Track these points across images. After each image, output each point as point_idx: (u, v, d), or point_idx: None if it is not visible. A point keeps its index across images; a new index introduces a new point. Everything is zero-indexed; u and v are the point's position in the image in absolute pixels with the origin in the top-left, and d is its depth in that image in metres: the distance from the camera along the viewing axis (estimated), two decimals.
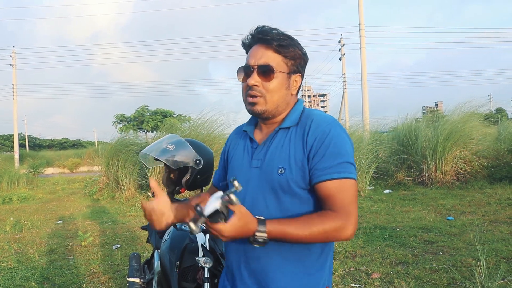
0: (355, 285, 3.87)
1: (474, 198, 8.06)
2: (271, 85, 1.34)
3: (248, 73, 1.37)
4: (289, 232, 1.19)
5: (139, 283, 2.82)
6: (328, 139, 1.28)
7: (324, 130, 1.30)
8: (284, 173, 1.29)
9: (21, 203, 11.85)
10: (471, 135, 10.24)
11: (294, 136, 1.35)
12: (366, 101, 21.40)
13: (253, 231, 1.16)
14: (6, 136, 52.59)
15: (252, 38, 1.39)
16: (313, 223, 1.21)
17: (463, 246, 4.80)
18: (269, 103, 1.35)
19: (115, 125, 32.54)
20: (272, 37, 1.35)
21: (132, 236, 6.41)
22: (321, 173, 1.26)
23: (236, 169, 1.45)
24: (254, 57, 1.36)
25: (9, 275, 4.70)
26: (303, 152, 1.30)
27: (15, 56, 32.58)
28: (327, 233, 1.21)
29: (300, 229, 1.20)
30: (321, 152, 1.28)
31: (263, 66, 1.34)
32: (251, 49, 1.40)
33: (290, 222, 1.21)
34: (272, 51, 1.35)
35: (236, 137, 1.57)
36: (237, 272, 1.39)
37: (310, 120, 1.35)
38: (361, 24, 21.80)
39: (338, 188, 1.25)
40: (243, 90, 1.40)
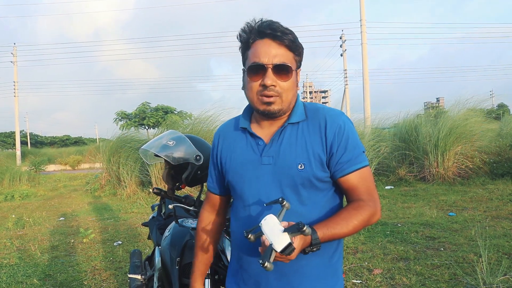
0: (356, 281, 3.86)
1: (476, 194, 8.04)
2: (287, 85, 1.32)
3: (261, 72, 1.30)
4: (337, 232, 1.23)
5: (140, 279, 2.82)
6: (346, 133, 1.32)
7: (340, 125, 1.33)
8: (304, 168, 1.30)
9: (23, 200, 11.88)
10: (472, 130, 10.21)
11: (307, 131, 1.35)
12: (368, 97, 21.38)
13: (309, 242, 1.17)
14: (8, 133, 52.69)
15: (258, 33, 1.31)
16: (353, 217, 1.26)
17: (464, 242, 4.79)
18: (284, 102, 1.33)
19: (116, 122, 32.57)
20: (282, 33, 1.29)
21: (134, 233, 6.41)
22: (345, 166, 1.31)
23: (241, 167, 1.40)
24: (267, 55, 1.28)
25: (11, 272, 4.71)
26: (322, 147, 1.32)
27: (16, 53, 32.59)
28: (365, 222, 1.28)
29: (344, 226, 1.24)
30: (342, 146, 1.31)
31: (281, 65, 1.29)
32: (257, 44, 1.32)
33: (336, 222, 1.24)
34: (285, 48, 1.31)
35: (229, 135, 1.49)
36: (262, 276, 1.37)
37: (323, 115, 1.36)
38: (362, 20, 21.75)
39: (361, 177, 1.32)
40: (252, 89, 1.33)
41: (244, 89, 1.39)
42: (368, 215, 1.28)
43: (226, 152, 1.47)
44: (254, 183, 1.36)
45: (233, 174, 1.42)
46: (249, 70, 1.32)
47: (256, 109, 1.36)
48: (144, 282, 2.82)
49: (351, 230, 1.25)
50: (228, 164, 1.45)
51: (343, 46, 29.85)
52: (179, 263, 2.09)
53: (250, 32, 1.33)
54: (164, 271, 2.28)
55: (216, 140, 1.54)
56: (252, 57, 1.32)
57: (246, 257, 1.40)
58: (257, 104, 1.33)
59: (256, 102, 1.33)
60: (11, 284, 4.31)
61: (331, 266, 1.38)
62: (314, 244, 1.18)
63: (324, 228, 1.21)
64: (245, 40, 1.35)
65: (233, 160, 1.43)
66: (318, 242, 1.18)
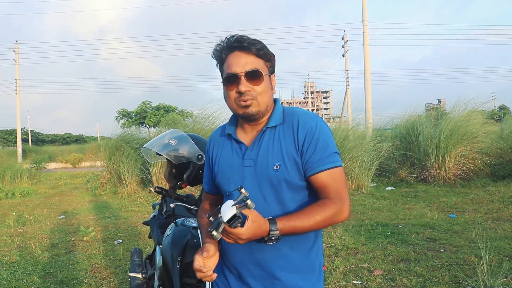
0: (357, 282, 3.86)
1: (476, 196, 8.04)
2: (260, 88, 1.43)
3: (235, 82, 1.42)
4: (298, 225, 1.32)
5: (141, 278, 2.82)
6: (316, 134, 1.41)
7: (311, 126, 1.42)
8: (279, 169, 1.40)
9: (23, 197, 11.90)
10: (474, 132, 10.20)
11: (283, 133, 1.45)
12: (369, 97, 21.36)
13: (267, 231, 1.28)
14: (9, 131, 52.71)
15: (228, 48, 1.45)
16: (316, 213, 1.34)
17: (465, 244, 4.79)
18: (261, 104, 1.44)
19: (117, 121, 32.57)
20: (249, 43, 1.43)
21: (134, 232, 6.42)
22: (315, 165, 1.40)
23: (227, 170, 1.51)
24: (237, 65, 1.41)
25: (11, 269, 4.72)
26: (295, 148, 1.42)
27: (18, 51, 32.63)
28: (328, 219, 1.35)
29: (306, 221, 1.33)
30: (312, 146, 1.40)
31: (252, 71, 1.41)
32: (228, 58, 1.45)
33: (297, 216, 1.34)
34: (254, 56, 1.44)
35: (218, 141, 1.62)
36: (241, 265, 1.48)
37: (296, 117, 1.46)
38: (364, 20, 21.74)
39: (331, 177, 1.40)
40: (230, 97, 1.45)
41: (225, 99, 1.51)
42: (332, 212, 1.36)
43: (215, 156, 1.60)
44: (237, 183, 1.46)
45: (221, 176, 1.54)
46: (225, 81, 1.46)
47: (237, 114, 1.49)
48: (145, 281, 2.82)
49: (313, 225, 1.34)
50: (217, 167, 1.57)
51: (345, 47, 29.82)
52: (180, 262, 2.08)
53: (221, 49, 1.47)
54: (165, 270, 2.28)
55: (208, 145, 1.67)
56: (226, 69, 1.45)
57: (229, 250, 1.51)
58: (237, 109, 1.46)
59: (235, 108, 1.46)
60: (12, 281, 4.31)
61: (309, 259, 1.47)
62: (272, 234, 1.28)
63: (284, 220, 1.31)
64: (218, 57, 1.49)
65: (221, 163, 1.56)
66: (276, 233, 1.28)
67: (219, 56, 1.49)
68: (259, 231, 1.26)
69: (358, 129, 11.63)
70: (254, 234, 1.25)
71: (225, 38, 1.46)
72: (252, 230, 1.24)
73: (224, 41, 1.46)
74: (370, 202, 8.04)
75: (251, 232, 1.24)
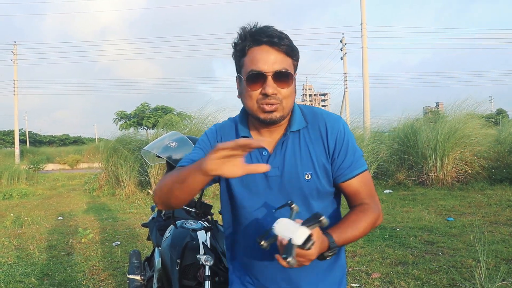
0: (355, 285, 3.87)
1: (474, 199, 8.06)
2: (287, 91, 1.27)
3: (260, 81, 1.24)
4: (349, 235, 1.24)
5: (140, 280, 2.82)
6: (346, 138, 1.34)
7: (340, 130, 1.34)
8: (311, 178, 1.31)
9: (21, 199, 11.88)
10: (471, 135, 10.23)
11: (309, 139, 1.34)
12: (367, 100, 21.40)
13: (327, 246, 1.17)
14: (7, 132, 52.58)
15: (255, 40, 1.25)
16: (362, 219, 1.28)
17: (463, 247, 4.80)
18: (285, 108, 1.28)
19: (115, 122, 32.59)
20: (279, 38, 1.24)
21: (132, 233, 6.41)
22: (347, 171, 1.32)
23: (246, 178, 1.31)
24: (265, 62, 1.23)
25: (9, 271, 4.71)
26: (326, 155, 1.33)
27: (16, 51, 32.59)
28: (371, 224, 1.30)
29: (355, 230, 1.26)
30: (343, 152, 1.32)
31: (282, 73, 1.24)
32: (253, 51, 1.26)
33: (346, 225, 1.26)
34: (284, 54, 1.26)
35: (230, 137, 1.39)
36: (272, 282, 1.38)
37: (323, 120, 1.35)
38: (363, 23, 21.79)
39: (362, 181, 1.33)
40: (252, 97, 1.26)
41: (242, 97, 1.33)
42: (374, 217, 1.31)
43: None
44: (262, 194, 1.33)
45: (239, 186, 1.36)
46: (248, 79, 1.25)
47: (256, 117, 1.30)
48: (143, 283, 2.82)
49: (362, 232, 1.27)
50: None
51: (344, 50, 29.90)
52: (179, 264, 2.09)
53: (245, 39, 1.27)
54: (164, 272, 2.28)
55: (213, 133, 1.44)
56: (250, 64, 1.25)
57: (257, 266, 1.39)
58: (258, 113, 1.27)
59: (256, 110, 1.27)
60: (9, 283, 4.30)
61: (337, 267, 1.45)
62: (331, 248, 1.17)
63: (337, 231, 1.22)
64: (240, 47, 1.29)
65: None
66: (335, 245, 1.18)
67: (241, 46, 1.28)
68: (321, 248, 1.13)
69: (356, 132, 11.65)
70: (318, 252, 1.11)
71: (252, 26, 1.27)
72: (319, 248, 1.10)
73: (250, 29, 1.27)
74: None
75: (318, 250, 1.09)
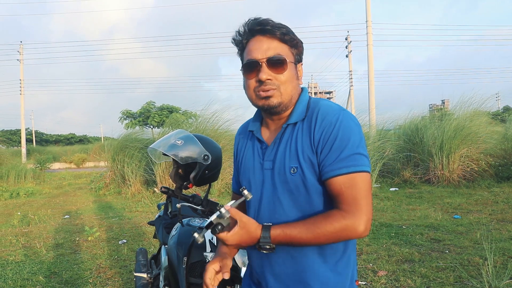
0: (361, 282, 3.86)
1: (481, 196, 8.02)
2: (284, 77, 1.27)
3: (255, 69, 1.27)
4: (294, 236, 1.17)
5: (146, 278, 2.83)
6: (335, 131, 1.21)
7: (331, 121, 1.23)
8: (296, 172, 1.24)
9: (28, 197, 11.95)
10: (478, 133, 10.18)
11: (301, 131, 1.28)
12: (373, 98, 21.34)
13: (257, 238, 1.18)
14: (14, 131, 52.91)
15: (249, 32, 1.30)
16: (318, 225, 1.17)
17: (470, 245, 4.78)
18: (284, 94, 1.27)
19: (121, 121, 32.65)
20: (273, 26, 1.26)
21: (138, 232, 6.43)
22: (328, 169, 1.20)
23: (248, 172, 1.39)
24: (259, 50, 1.26)
25: (17, 269, 4.74)
26: (311, 148, 1.24)
27: (22, 51, 32.76)
28: (334, 234, 1.16)
29: (304, 233, 1.17)
30: (327, 146, 1.21)
31: (275, 58, 1.25)
32: (249, 43, 1.30)
33: (295, 226, 1.18)
34: (278, 40, 1.27)
35: (242, 138, 1.50)
36: (262, 277, 1.36)
37: (316, 111, 1.27)
38: (368, 21, 21.72)
39: (347, 184, 1.18)
40: (250, 87, 1.30)
41: (244, 89, 1.36)
42: (340, 227, 1.16)
43: (240, 154, 1.50)
44: (259, 187, 1.35)
45: (243, 178, 1.43)
46: (244, 68, 1.30)
47: (256, 105, 1.34)
48: (150, 281, 2.83)
49: (313, 238, 1.17)
50: (241, 168, 1.47)
51: (349, 47, 29.81)
52: (186, 262, 2.09)
53: (243, 34, 1.32)
54: (170, 270, 2.29)
55: (235, 141, 1.56)
56: (246, 56, 1.30)
57: (252, 258, 1.42)
58: (256, 101, 1.30)
59: (255, 99, 1.31)
60: (17, 280, 4.33)
61: (337, 273, 1.27)
62: (261, 241, 1.17)
63: (279, 229, 1.18)
64: (239, 42, 1.34)
65: (243, 164, 1.44)
66: (267, 240, 1.17)
67: (240, 42, 1.33)
68: (247, 238, 1.16)
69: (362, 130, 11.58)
70: (242, 241, 1.16)
71: (246, 21, 1.31)
72: (238, 237, 1.15)
73: (245, 24, 1.31)
74: (374, 203, 8.01)
75: (237, 238, 1.15)
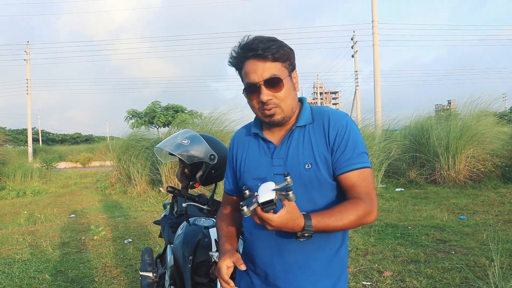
0: (366, 283, 3.85)
1: (487, 197, 7.97)
2: (282, 94, 1.39)
3: (255, 91, 1.39)
4: (331, 223, 1.28)
5: (152, 277, 2.84)
6: (347, 133, 1.39)
7: (342, 125, 1.41)
8: (311, 168, 1.38)
9: (34, 196, 12.02)
10: (484, 133, 10.10)
11: (313, 132, 1.43)
12: (379, 98, 21.26)
13: (301, 227, 1.23)
14: (20, 131, 53.17)
15: (243, 56, 1.40)
16: (349, 211, 1.31)
17: (476, 246, 4.75)
18: (285, 109, 1.41)
19: (127, 121, 32.72)
20: (263, 50, 1.36)
21: (144, 231, 6.45)
22: (344, 164, 1.37)
23: (255, 169, 1.49)
24: (255, 74, 1.37)
25: (23, 267, 4.77)
26: (326, 147, 1.40)
27: (29, 51, 32.93)
28: (360, 219, 1.31)
29: (339, 219, 1.29)
30: (342, 145, 1.38)
31: (271, 79, 1.37)
32: (245, 65, 1.41)
33: (331, 213, 1.30)
34: (270, 61, 1.38)
35: (242, 141, 1.59)
36: (269, 266, 1.44)
37: (327, 116, 1.44)
38: (374, 21, 21.64)
39: (360, 177, 1.37)
40: (254, 106, 1.44)
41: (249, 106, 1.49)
42: (364, 212, 1.32)
43: (240, 156, 1.57)
44: None
45: (248, 176, 1.51)
46: (246, 91, 1.43)
47: (263, 122, 1.48)
48: (156, 280, 2.84)
49: (346, 224, 1.30)
50: (243, 167, 1.54)
51: (355, 47, 29.73)
52: (191, 261, 2.10)
53: (236, 57, 1.44)
54: (176, 269, 2.29)
55: (231, 145, 1.64)
56: (244, 77, 1.42)
57: (257, 250, 1.48)
58: (262, 117, 1.45)
59: (260, 116, 1.45)
60: (24, 279, 4.36)
61: (337, 260, 1.45)
62: (306, 230, 1.23)
63: (319, 217, 1.27)
64: (235, 64, 1.46)
65: (247, 163, 1.52)
66: (310, 229, 1.24)
67: (235, 64, 1.46)
68: (291, 224, 1.20)
69: (367, 130, 11.56)
70: (285, 225, 1.20)
71: (238, 45, 1.43)
72: (284, 220, 1.18)
73: (237, 48, 1.43)
74: (380, 203, 7.98)
75: (283, 221, 1.18)
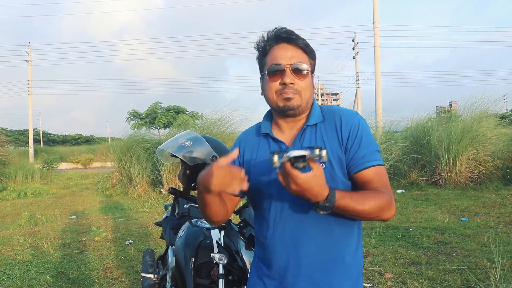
0: (368, 284, 3.85)
1: (488, 199, 7.96)
2: (305, 83, 1.39)
3: (280, 73, 1.38)
4: (352, 204, 1.25)
5: (153, 278, 2.84)
6: (360, 131, 1.38)
7: (354, 123, 1.40)
8: (325, 167, 1.35)
9: (35, 197, 12.03)
10: (485, 135, 10.10)
11: (325, 131, 1.41)
12: (380, 100, 21.26)
13: (325, 196, 1.19)
14: (21, 131, 53.20)
15: (275, 38, 1.41)
16: (371, 197, 1.29)
17: (477, 248, 4.75)
18: (303, 99, 1.40)
19: (128, 122, 32.73)
20: (297, 37, 1.39)
21: (145, 232, 6.46)
22: (360, 162, 1.35)
23: (266, 171, 1.43)
24: (284, 57, 1.38)
25: (24, 268, 4.78)
26: (339, 146, 1.38)
27: (30, 52, 32.98)
28: (380, 208, 1.29)
29: (361, 203, 1.26)
30: (356, 143, 1.37)
31: (299, 65, 1.37)
32: (274, 49, 1.41)
33: (354, 195, 1.28)
34: (301, 51, 1.40)
35: (251, 141, 1.54)
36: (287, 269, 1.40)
37: (338, 115, 1.43)
38: (375, 22, 21.64)
39: (376, 174, 1.35)
40: (272, 88, 1.40)
41: (264, 91, 1.46)
42: (386, 202, 1.29)
43: (249, 157, 1.51)
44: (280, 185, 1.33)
45: (258, 177, 1.44)
46: (269, 72, 1.40)
47: (275, 106, 1.42)
48: (157, 281, 2.84)
49: (366, 209, 1.27)
50: (252, 168, 1.47)
51: (356, 49, 29.74)
52: (193, 262, 2.10)
53: (267, 40, 1.43)
54: (177, 271, 2.29)
55: (237, 145, 1.57)
56: (270, 60, 1.40)
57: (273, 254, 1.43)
58: (278, 101, 1.40)
59: (276, 99, 1.40)
60: (25, 280, 4.37)
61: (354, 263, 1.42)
62: (328, 200, 1.19)
63: (343, 194, 1.24)
64: (262, 47, 1.45)
65: (258, 165, 1.46)
66: (333, 200, 1.20)
67: (263, 47, 1.44)
68: (315, 189, 1.16)
69: None
70: (310, 189, 1.15)
71: (272, 29, 1.43)
72: (310, 182, 1.14)
73: (271, 31, 1.42)
74: None
75: (308, 183, 1.14)
